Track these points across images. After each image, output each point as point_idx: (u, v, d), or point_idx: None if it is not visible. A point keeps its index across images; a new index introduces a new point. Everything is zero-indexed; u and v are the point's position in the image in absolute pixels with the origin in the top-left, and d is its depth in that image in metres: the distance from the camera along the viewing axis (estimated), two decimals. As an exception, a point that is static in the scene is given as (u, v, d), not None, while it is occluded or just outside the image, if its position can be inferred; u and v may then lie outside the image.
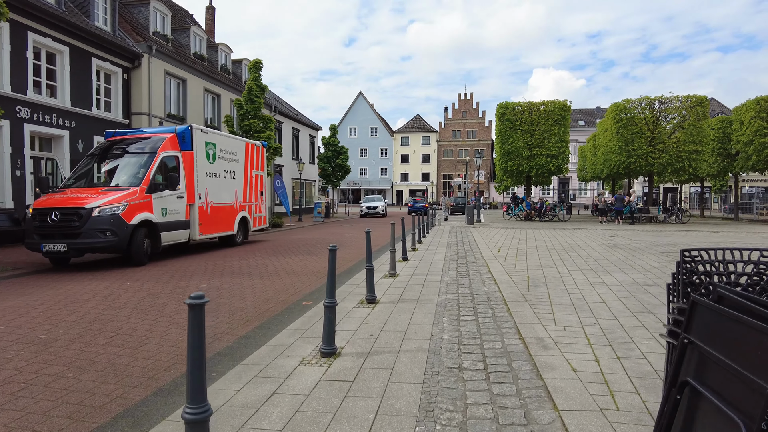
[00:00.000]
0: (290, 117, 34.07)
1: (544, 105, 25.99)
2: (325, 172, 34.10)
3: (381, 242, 14.68)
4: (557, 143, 25.64)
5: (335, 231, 20.07)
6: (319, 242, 14.85)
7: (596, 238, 15.02)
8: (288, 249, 12.90)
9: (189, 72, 22.04)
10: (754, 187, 60.87)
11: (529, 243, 13.50)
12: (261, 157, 14.65)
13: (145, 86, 18.95)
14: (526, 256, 10.63)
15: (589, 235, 16.64)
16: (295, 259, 10.70)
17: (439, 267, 9.02)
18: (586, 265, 9.16)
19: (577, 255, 10.71)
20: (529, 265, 9.09)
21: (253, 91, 21.67)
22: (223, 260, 10.54)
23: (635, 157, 24.22)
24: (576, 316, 5.29)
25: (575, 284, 7.17)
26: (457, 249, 12.13)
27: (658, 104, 24.48)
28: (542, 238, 15.25)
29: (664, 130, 24.23)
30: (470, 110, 66.03)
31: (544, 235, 16.54)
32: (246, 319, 5.49)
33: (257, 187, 14.39)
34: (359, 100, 69.37)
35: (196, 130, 11.31)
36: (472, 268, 8.86)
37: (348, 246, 13.67)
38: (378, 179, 68.67)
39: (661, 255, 10.70)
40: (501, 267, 8.91)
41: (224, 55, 27.13)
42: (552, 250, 11.64)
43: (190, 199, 11.16)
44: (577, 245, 12.86)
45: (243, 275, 8.50)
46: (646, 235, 16.79)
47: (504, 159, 26.52)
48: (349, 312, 5.58)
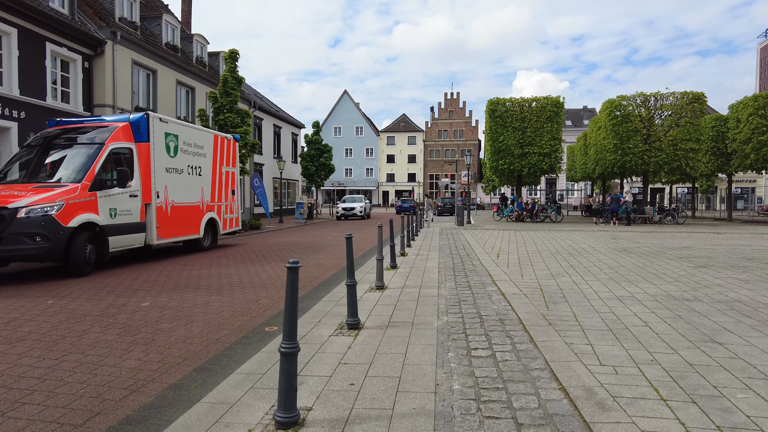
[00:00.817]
0: (271, 113, 32.56)
1: (536, 101, 24.96)
2: (307, 171, 32.65)
3: (366, 246, 13.34)
4: (550, 141, 24.62)
5: (316, 233, 18.69)
6: (298, 246, 13.46)
7: (599, 241, 13.90)
8: (261, 255, 11.50)
9: (160, 62, 20.46)
10: (740, 187, 61.08)
11: (529, 246, 12.30)
12: (232, 152, 13.21)
13: (109, 76, 17.34)
14: (530, 262, 9.41)
15: (588, 237, 15.54)
16: (267, 268, 9.31)
17: (434, 276, 7.73)
18: (602, 273, 7.96)
19: (587, 261, 9.52)
20: (537, 274, 7.85)
21: (228, 83, 20.19)
22: (182, 269, 9.10)
23: (630, 156, 23.31)
24: (621, 347, 4.04)
25: (600, 299, 5.95)
26: (451, 254, 10.86)
27: (653, 100, 23.62)
28: (541, 241, 14.09)
29: (660, 128, 23.37)
30: (457, 110, 65.12)
31: (541, 237, 15.39)
32: (184, 357, 4.11)
33: (228, 186, 12.95)
34: (344, 98, 67.97)
35: (154, 119, 9.85)
36: (472, 277, 7.59)
37: (329, 251, 12.32)
38: (363, 179, 67.33)
39: (681, 261, 9.57)
40: (506, 276, 7.66)
41: (200, 47, 25.54)
42: (557, 255, 10.44)
43: (146, 198, 9.69)
44: (582, 249, 11.70)
45: (199, 289, 7.09)
46: (648, 237, 15.75)
47: (494, 157, 25.41)
48: (323, 344, 4.25)
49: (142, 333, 4.77)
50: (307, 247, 13.33)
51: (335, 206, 36.28)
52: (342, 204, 32.22)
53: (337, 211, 31.43)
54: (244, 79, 21.17)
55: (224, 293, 6.78)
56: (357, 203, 31.73)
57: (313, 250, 12.57)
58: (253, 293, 6.83)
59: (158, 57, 20.27)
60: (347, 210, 31.10)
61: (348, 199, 33.55)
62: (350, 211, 31.01)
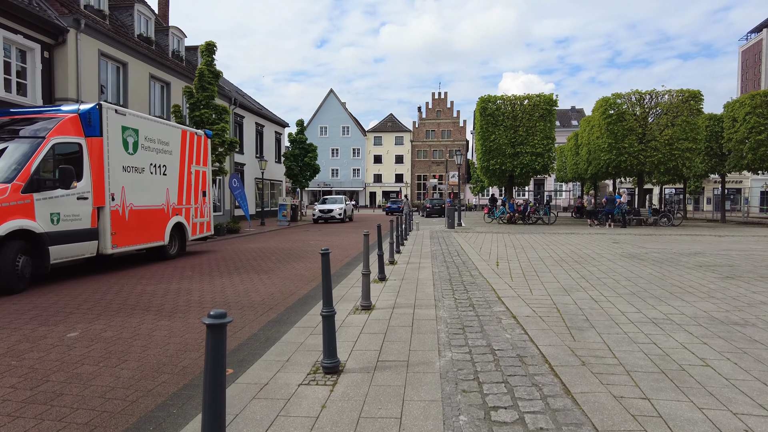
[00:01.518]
0: (253, 111, 31.24)
1: (528, 99, 24.09)
2: (291, 171, 31.38)
3: (352, 252, 12.22)
4: (543, 140, 23.76)
5: (299, 237, 17.50)
6: (276, 253, 12.30)
7: (601, 246, 12.98)
8: (232, 264, 10.31)
9: (131, 55, 19.08)
10: (726, 188, 61.21)
11: (529, 253, 11.30)
12: (203, 150, 11.98)
13: (72, 67, 15.96)
14: (535, 272, 8.39)
15: (588, 241, 14.62)
16: (235, 281, 8.14)
17: (429, 291, 6.66)
18: (621, 287, 6.96)
19: (598, 270, 8.54)
20: (548, 288, 6.82)
21: (205, 77, 18.92)
22: (137, 283, 7.89)
23: (626, 156, 22.57)
24: (690, 404, 3.00)
25: (631, 323, 4.93)
26: (445, 261, 9.81)
27: (648, 98, 22.91)
28: (539, 245, 13.12)
29: (656, 127, 22.66)
30: (444, 110, 64.31)
31: (538, 241, 14.43)
32: (91, 428, 2.96)
33: (198, 186, 11.72)
34: (330, 97, 66.72)
35: (108, 110, 8.62)
36: (473, 292, 6.53)
37: (310, 258, 11.18)
38: (350, 180, 66.15)
39: (702, 270, 8.64)
40: (512, 291, 6.61)
41: (176, 40, 24.16)
42: (562, 263, 9.45)
43: (99, 200, 8.46)
44: (587, 255, 10.74)
45: (149, 311, 5.91)
46: (650, 241, 14.89)
47: (485, 157, 24.48)
48: (288, 400, 3.14)
49: (48, 384, 3.59)
50: (285, 253, 12.18)
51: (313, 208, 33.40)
52: (319, 205, 28.92)
53: (314, 213, 28.03)
54: (222, 73, 19.90)
55: (177, 317, 5.61)
56: (336, 204, 28.46)
57: (292, 257, 11.42)
58: (213, 316, 5.68)
59: (129, 49, 18.90)
60: (325, 212, 27.84)
61: (326, 200, 30.12)
62: (328, 213, 27.82)
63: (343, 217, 28.26)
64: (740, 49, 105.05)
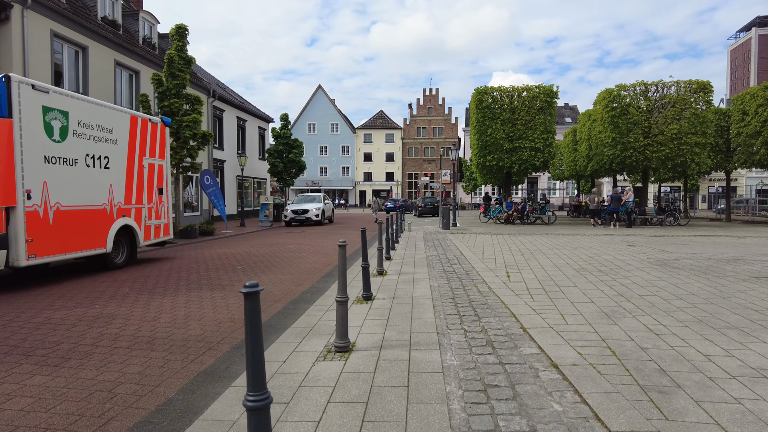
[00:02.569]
0: (234, 105, 29.39)
1: (528, 91, 22.55)
2: (275, 168, 29.57)
3: (331, 260, 10.54)
4: (542, 134, 22.23)
5: (278, 241, 15.78)
6: (246, 260, 10.58)
7: (619, 250, 11.44)
8: (187, 276, 8.59)
9: (92, 38, 17.21)
10: (721, 186, 60.56)
11: (541, 259, 9.71)
12: (160, 139, 10.22)
13: (18, 48, 14.09)
14: (557, 286, 6.78)
15: (601, 244, 13.09)
16: (179, 302, 6.42)
17: (429, 318, 5.02)
18: (678, 309, 5.38)
19: (633, 283, 6.96)
20: (583, 312, 5.22)
21: (174, 63, 17.10)
22: (44, 308, 6.12)
23: (630, 151, 21.14)
24: None
25: (735, 379, 3.33)
26: (444, 271, 8.18)
27: (654, 90, 21.50)
28: (549, 249, 11.55)
29: (662, 120, 21.25)
30: (436, 106, 62.78)
31: (545, 244, 12.87)
32: None
33: (153, 183, 9.96)
34: (318, 94, 64.86)
35: (21, 85, 6.86)
36: (488, 320, 4.91)
37: (283, 267, 9.48)
38: (339, 179, 64.38)
39: (762, 283, 7.10)
40: (539, 318, 5.00)
41: (147, 26, 22.27)
42: (585, 274, 7.86)
43: (7, 199, 6.70)
44: (609, 263, 9.17)
45: (30, 355, 4.19)
46: (667, 243, 13.41)
47: (482, 153, 22.90)
48: None
49: None
50: (256, 261, 10.46)
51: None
52: (291, 205, 24.45)
53: (286, 214, 23.54)
54: (194, 60, 18.09)
55: (67, 367, 3.89)
56: (313, 204, 24.31)
57: (264, 265, 9.72)
58: (122, 364, 3.98)
59: (90, 32, 17.02)
60: (298, 213, 23.43)
61: (302, 199, 25.53)
62: (302, 214, 23.42)
63: (321, 218, 24.02)
64: (729, 48, 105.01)
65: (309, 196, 25.63)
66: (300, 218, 23.42)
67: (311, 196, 25.77)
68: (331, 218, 26.60)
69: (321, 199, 25.32)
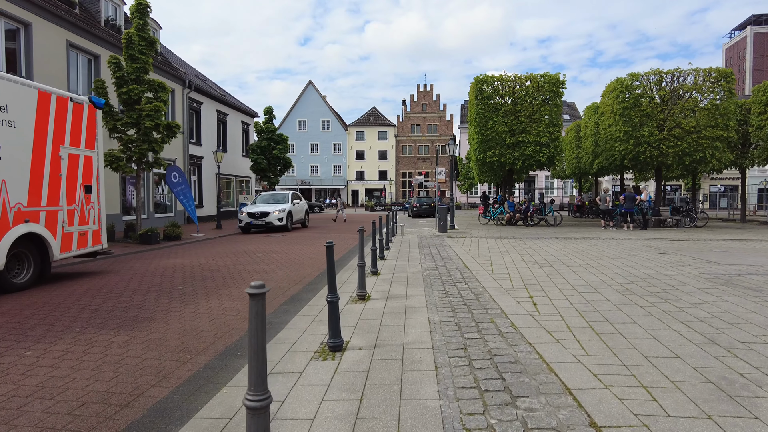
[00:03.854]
0: (214, 97, 27.22)
1: (531, 80, 20.60)
2: (258, 165, 27.42)
3: (306, 274, 8.44)
4: (548, 128, 20.30)
5: (248, 248, 13.70)
6: (196, 276, 8.52)
7: (653, 259, 9.48)
8: (102, 303, 6.52)
9: (35, 14, 15.04)
10: (723, 185, 59.08)
11: (567, 274, 7.72)
12: (87, 125, 8.11)
13: (-61, 21, 11.92)
14: (609, 323, 4.78)
15: (624, 250, 11.13)
16: (56, 352, 4.35)
17: (430, 401, 2.99)
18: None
19: (711, 316, 4.98)
20: (677, 380, 3.21)
21: (134, 44, 14.93)
22: None
23: (644, 146, 19.25)
24: None
25: None
26: (447, 294, 6.16)
27: (670, 79, 19.62)
28: (569, 259, 9.57)
29: (679, 112, 19.38)
30: (430, 103, 60.80)
31: (562, 252, 10.89)
32: None
33: (76, 179, 7.86)
34: (309, 90, 62.67)
35: None
36: (530, 401, 2.89)
37: (234, 289, 7.42)
38: (331, 177, 62.25)
39: None
40: (614, 400, 2.98)
41: (111, 7, 20.07)
42: (635, 298, 5.88)
43: None
44: (658, 281, 7.20)
45: None
46: (703, 249, 11.48)
47: (482, 148, 20.91)
48: None
49: None
50: (207, 277, 8.39)
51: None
52: (248, 206, 19.40)
53: (240, 218, 18.70)
54: (159, 42, 16.02)
55: None
56: (276, 205, 19.13)
57: (213, 285, 7.65)
58: None
59: (32, 5, 14.85)
60: (256, 216, 18.20)
61: (264, 198, 20.37)
62: (260, 218, 18.17)
63: (286, 223, 18.74)
64: (724, 46, 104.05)
65: (274, 195, 20.76)
66: (258, 223, 18.29)
67: (277, 194, 20.79)
68: (304, 222, 21.89)
69: (288, 198, 20.29)
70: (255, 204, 19.96)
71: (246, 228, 18.59)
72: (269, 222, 18.31)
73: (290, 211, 19.49)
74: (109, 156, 14.43)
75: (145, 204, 20.87)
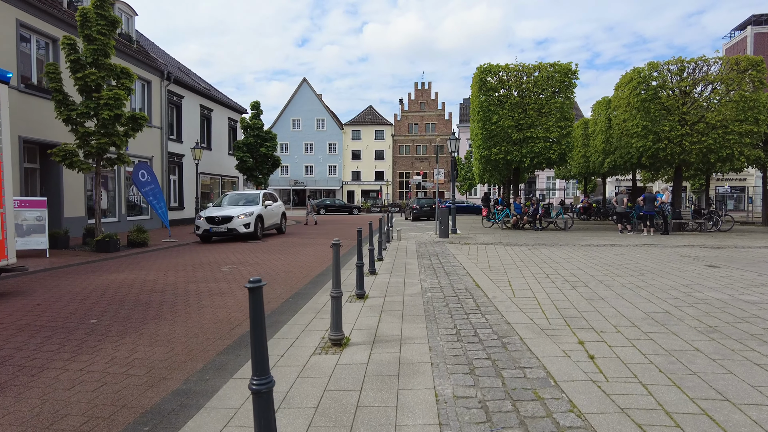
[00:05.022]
0: (197, 91, 25.32)
1: (541, 69, 18.79)
2: (244, 164, 25.52)
3: (272, 298, 6.55)
4: (559, 122, 18.50)
5: (215, 258, 11.81)
6: (126, 301, 6.63)
7: (708, 276, 7.65)
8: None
9: (-18, -10, 13.13)
10: (730, 186, 57.51)
11: (614, 300, 5.87)
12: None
13: None
14: (727, 401, 2.92)
15: (662, 262, 9.30)
16: None
17: None
18: None
19: None
20: None
21: (91, 23, 13.03)
22: None
23: (665, 142, 17.47)
24: None
25: None
26: (459, 336, 4.31)
27: (693, 68, 17.85)
28: (606, 276, 7.74)
29: (703, 105, 17.61)
30: (429, 101, 59.00)
31: (589, 263, 9.05)
32: None
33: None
34: (303, 87, 60.79)
35: None
36: None
37: (182, 316, 5.54)
38: (326, 178, 60.37)
39: None
40: None
41: (79, -12, 18.15)
42: (730, 340, 4.06)
43: None
44: (735, 307, 5.37)
45: None
46: (753, 260, 9.66)
47: (486, 144, 19.09)
48: None
49: None
50: (140, 303, 6.51)
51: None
52: (207, 209, 16.02)
53: (198, 224, 15.17)
54: (121, 21, 14.09)
55: None
56: (242, 208, 15.68)
57: (142, 316, 5.77)
58: None
59: (-23, -20, 12.96)
60: (216, 221, 14.84)
61: (229, 199, 16.95)
62: (222, 223, 14.82)
63: (254, 229, 15.34)
64: (724, 46, 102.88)
65: (242, 195, 17.10)
66: (219, 230, 14.78)
67: (246, 194, 17.15)
68: (280, 227, 18.21)
69: (259, 199, 16.51)
70: (219, 206, 16.47)
71: (206, 236, 15.08)
72: (233, 229, 14.87)
73: (260, 214, 15.92)
74: (61, 151, 12.54)
75: (116, 205, 18.97)
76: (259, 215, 15.90)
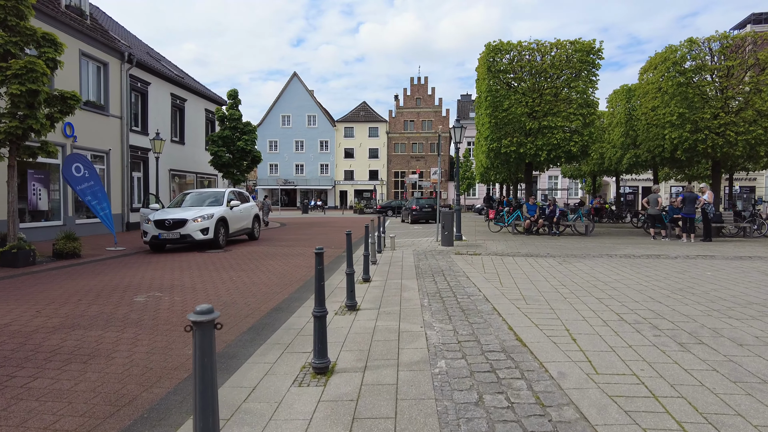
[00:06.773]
0: (167, 78, 22.49)
1: (559, 47, 16.13)
2: (219, 159, 22.71)
3: (239, 328, 3.75)
4: (581, 109, 15.85)
5: (144, 277, 9.01)
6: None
7: None
8: None
9: None
10: (740, 186, 55.15)
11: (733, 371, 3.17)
12: None
13: None
14: None
15: (732, 277, 6.63)
16: None
17: None
18: None
19: None
20: None
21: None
22: None
23: (705, 132, 14.88)
24: None
25: None
26: None
27: (736, 47, 15.27)
28: (683, 304, 5.05)
29: (751, 90, 15.04)
30: (425, 97, 56.35)
31: (650, 284, 6.36)
32: None
33: None
34: (294, 82, 57.97)
35: None
36: None
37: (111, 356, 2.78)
38: (317, 177, 57.58)
39: None
40: None
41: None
42: None
43: None
44: None
45: None
46: None
47: (494, 135, 16.41)
48: None
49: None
50: None
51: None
52: (156, 214, 12.53)
53: (145, 230, 12.27)
54: None
55: None
56: (199, 210, 12.81)
57: None
58: None
59: None
60: (168, 226, 12.00)
61: (188, 200, 14.00)
62: (173, 230, 11.99)
63: (214, 235, 12.47)
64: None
65: (203, 194, 14.25)
66: (170, 236, 11.97)
67: (208, 193, 14.36)
68: (253, 233, 15.24)
69: (222, 199, 13.68)
70: (177, 207, 13.58)
71: (156, 244, 12.20)
72: (186, 235, 12.00)
73: (223, 217, 12.99)
74: (-41, 137, 9.75)
75: (61, 206, 16.15)
76: (222, 218, 12.92)
